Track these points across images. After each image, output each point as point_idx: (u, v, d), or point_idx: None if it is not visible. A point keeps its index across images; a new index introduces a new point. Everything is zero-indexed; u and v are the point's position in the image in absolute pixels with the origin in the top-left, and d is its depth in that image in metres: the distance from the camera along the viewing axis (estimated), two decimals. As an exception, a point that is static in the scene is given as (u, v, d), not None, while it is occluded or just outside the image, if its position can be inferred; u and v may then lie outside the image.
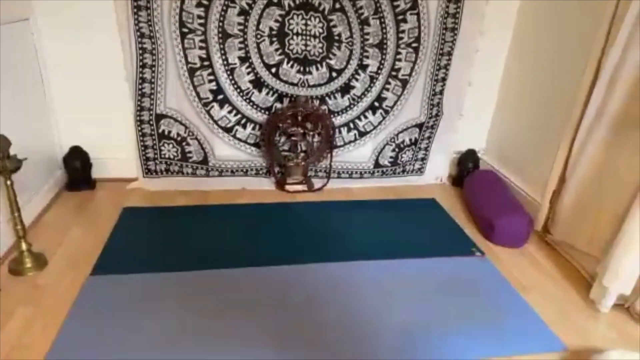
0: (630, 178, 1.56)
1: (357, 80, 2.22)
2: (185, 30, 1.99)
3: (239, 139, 2.25)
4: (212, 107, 2.16)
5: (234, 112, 2.19)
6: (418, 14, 2.12)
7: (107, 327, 1.38)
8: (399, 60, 2.20)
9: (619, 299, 1.59)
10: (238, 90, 2.15)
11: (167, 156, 2.24)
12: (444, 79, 2.30)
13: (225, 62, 2.08)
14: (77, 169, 2.17)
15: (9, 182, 1.53)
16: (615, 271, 1.51)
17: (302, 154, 2.32)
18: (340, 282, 1.66)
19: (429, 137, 2.45)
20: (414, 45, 2.18)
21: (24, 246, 1.62)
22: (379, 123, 2.34)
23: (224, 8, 1.98)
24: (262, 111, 2.22)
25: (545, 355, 1.40)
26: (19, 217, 1.59)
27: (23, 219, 1.61)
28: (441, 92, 2.33)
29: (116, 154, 2.26)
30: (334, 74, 2.19)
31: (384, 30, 2.13)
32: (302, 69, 2.16)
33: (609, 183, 1.67)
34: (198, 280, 1.62)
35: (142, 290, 1.55)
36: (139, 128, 2.17)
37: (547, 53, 2.09)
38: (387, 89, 2.26)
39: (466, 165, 2.49)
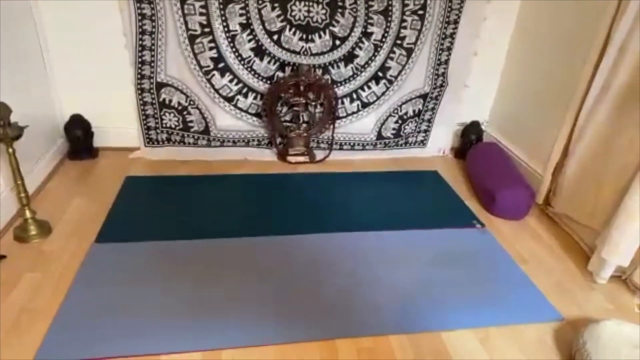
0: (632, 152, 1.55)
1: (360, 48, 2.17)
2: (184, -5, 1.94)
3: (240, 109, 2.23)
4: (213, 75, 2.12)
5: (235, 81, 2.16)
6: (425, -20, 2.05)
7: (112, 294, 1.41)
8: (404, 28, 2.15)
9: (616, 271, 1.61)
10: (239, 58, 2.11)
11: (168, 125, 2.23)
12: (449, 49, 2.25)
13: (226, 29, 2.03)
14: (79, 137, 2.17)
15: (10, 150, 1.52)
16: (615, 243, 1.52)
17: (304, 125, 2.30)
18: (341, 252, 1.68)
19: (432, 108, 2.42)
20: (420, 12, 2.12)
21: (28, 214, 1.64)
22: (383, 93, 2.30)
23: (225, -28, 1.92)
24: (264, 80, 2.18)
25: (541, 324, 1.43)
26: (22, 185, 1.60)
27: (26, 187, 1.62)
28: (446, 62, 2.29)
29: (117, 123, 2.24)
30: (337, 42, 2.15)
31: (389, -3, 2.07)
32: (304, 36, 2.11)
33: (611, 157, 1.66)
34: (200, 249, 1.64)
35: (145, 258, 1.57)
36: (140, 97, 2.15)
37: (555, 24, 2.03)
38: (392, 58, 2.22)
39: (469, 138, 2.47)
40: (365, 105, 2.32)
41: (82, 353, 1.21)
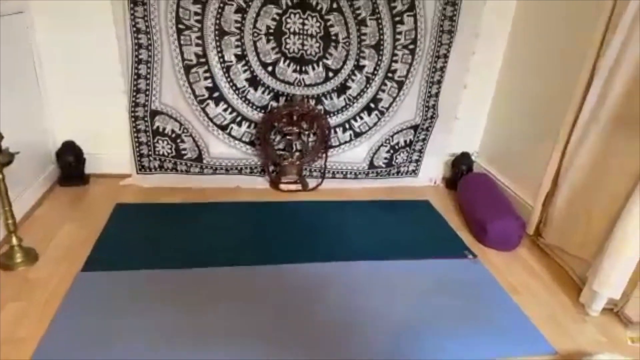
0: (621, 182, 1.57)
1: (353, 80, 2.22)
2: (181, 26, 1.98)
3: (234, 137, 2.25)
4: (208, 104, 2.15)
5: (230, 110, 2.18)
6: (415, 16, 2.12)
7: (97, 324, 1.37)
8: (395, 61, 2.20)
9: (608, 303, 1.61)
10: (234, 88, 2.14)
11: (161, 153, 2.23)
12: (439, 82, 2.31)
13: (221, 60, 2.07)
14: (70, 163, 2.16)
15: (0, 176, 1.51)
16: (605, 275, 1.53)
17: (297, 154, 2.32)
18: (333, 282, 1.66)
19: (423, 139, 2.45)
20: (411, 47, 2.19)
21: (14, 241, 1.61)
22: (375, 124, 2.34)
23: (221, 5, 1.98)
24: (258, 110, 2.21)
25: (534, 358, 1.41)
26: (9, 212, 1.58)
27: (14, 214, 1.60)
28: (437, 95, 2.34)
29: (110, 150, 2.24)
30: (331, 74, 2.20)
31: (381, 32, 2.13)
32: (298, 68, 2.15)
33: (601, 187, 1.67)
34: (190, 278, 1.61)
35: (133, 287, 1.54)
36: (134, 124, 2.16)
37: (543, 56, 2.10)
38: (383, 90, 2.27)
39: (460, 168, 2.50)
40: (357, 135, 2.35)
41: (63, 387, 1.17)
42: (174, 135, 2.20)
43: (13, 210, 1.59)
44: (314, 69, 2.17)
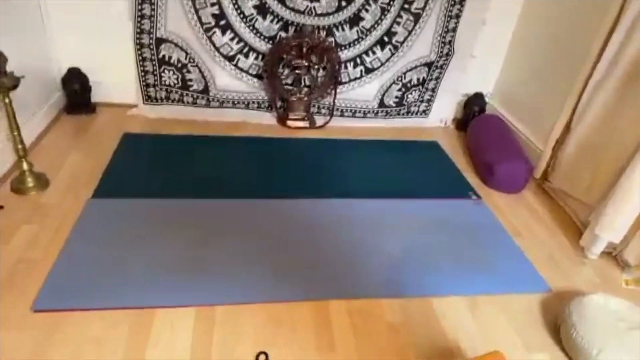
0: (633, 131, 1.54)
1: (367, 11, 2.11)
2: (186, -54, 1.86)
3: (241, 69, 2.19)
4: (214, 33, 2.07)
5: (237, 39, 2.11)
6: (437, -59, 1.97)
7: (109, 247, 1.42)
8: (413, -9, 2.08)
9: (607, 247, 1.63)
10: (241, 15, 2.05)
11: (167, 83, 2.19)
12: (458, 16, 2.19)
13: (228, -15, 1.97)
14: (76, 91, 2.13)
15: (7, 100, 1.50)
16: (609, 220, 1.54)
17: (306, 89, 2.26)
18: (337, 218, 1.69)
19: (437, 78, 2.37)
20: (430, -24, 2.05)
21: (25, 166, 1.63)
22: (387, 60, 2.26)
23: None
24: (266, 40, 2.13)
25: (530, 295, 1.46)
26: (18, 136, 1.58)
27: (23, 139, 1.60)
28: (454, 30, 2.23)
29: (116, 79, 2.20)
30: (343, 3, 2.08)
31: (400, -42, 1.99)
32: (309, -4, 2.04)
33: (612, 135, 1.65)
34: (196, 208, 1.65)
35: (142, 214, 1.58)
36: (139, 52, 2.10)
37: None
38: (398, 23, 2.16)
39: (472, 109, 2.44)
40: (368, 71, 2.28)
41: (78, 303, 1.23)
42: (180, 65, 2.14)
43: (22, 135, 1.60)
44: (326, -3, 2.05)
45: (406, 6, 2.12)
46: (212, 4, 2.00)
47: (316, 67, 2.20)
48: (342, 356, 1.19)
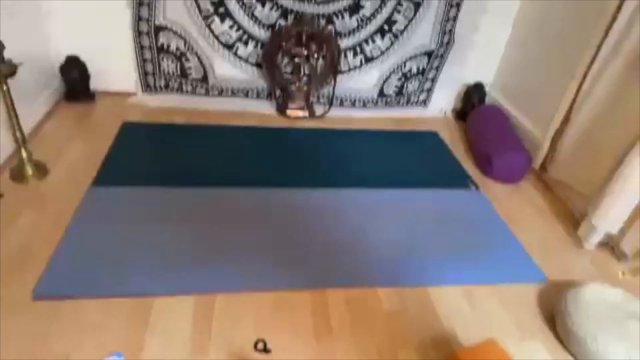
0: (633, 122, 1.54)
1: (367, -1, 2.09)
2: None
3: (240, 57, 2.18)
4: (213, 20, 2.05)
5: (236, 27, 2.09)
6: None
7: (108, 235, 1.43)
8: (414, -20, 2.06)
9: (604, 238, 1.64)
10: (240, 3, 2.03)
11: (166, 71, 2.18)
12: (458, 4, 2.17)
13: (227, -28, 1.95)
14: (75, 79, 2.12)
15: (4, 87, 1.50)
16: (605, 210, 1.54)
17: (305, 78, 2.25)
18: (335, 207, 1.69)
19: (437, 67, 2.36)
20: (431, -37, 2.03)
21: (24, 154, 1.63)
22: (387, 48, 2.24)
23: None
24: (265, 28, 2.11)
25: (526, 285, 1.47)
26: (17, 124, 1.58)
27: (22, 128, 1.60)
28: (454, 19, 2.21)
29: (115, 67, 2.19)
30: (343, -8, 2.06)
31: (400, -55, 1.97)
32: (309, -17, 2.02)
33: (612, 126, 1.65)
34: (195, 197, 1.65)
35: (142, 202, 1.59)
36: (138, 40, 2.08)
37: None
38: (399, 11, 2.14)
39: (472, 99, 2.43)
40: (368, 60, 2.26)
41: (78, 290, 1.24)
42: (178, 53, 2.13)
43: (21, 123, 1.59)
44: (326, -15, 2.03)
45: (407, -6, 2.10)
46: (211, -9, 1.98)
47: (316, 55, 2.19)
48: (339, 343, 1.21)
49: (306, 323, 1.25)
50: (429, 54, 2.29)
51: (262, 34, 2.12)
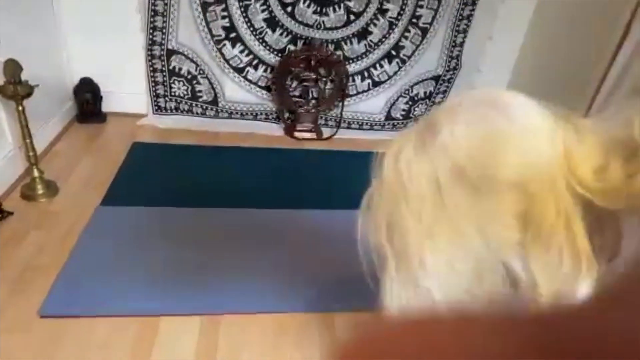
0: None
1: (375, 25, 2.14)
2: (199, -40, 1.91)
3: (250, 81, 2.22)
4: (224, 45, 2.10)
5: (246, 52, 2.14)
6: (445, -43, 2.00)
7: (116, 255, 1.43)
8: (421, 7, 2.11)
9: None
10: (251, 28, 2.08)
11: (177, 94, 2.22)
12: (465, 30, 2.21)
13: (239, -2, 2.01)
14: (88, 101, 2.17)
15: (20, 108, 1.53)
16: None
17: (313, 101, 2.29)
18: (342, 229, 1.66)
19: (444, 91, 2.39)
20: (438, -9, 2.08)
21: (35, 172, 1.65)
22: (395, 73, 2.28)
23: (241, -62, 1.89)
24: (275, 53, 2.16)
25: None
26: (30, 144, 1.61)
27: (35, 147, 1.63)
28: (461, 45, 2.25)
29: (127, 89, 2.24)
30: (352, 17, 2.11)
31: (408, -27, 2.02)
32: (318, 9, 2.07)
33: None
34: (204, 217, 1.65)
35: (150, 222, 1.59)
36: (150, 63, 2.13)
37: (574, 13, 1.98)
38: (406, 37, 2.18)
39: (479, 123, 2.44)
40: (376, 84, 2.30)
41: (83, 311, 1.23)
42: (189, 76, 2.18)
43: (34, 143, 1.62)
44: (335, 10, 2.09)
45: (414, 21, 2.14)
46: (223, 17, 2.04)
47: (324, 79, 2.23)
48: (347, 368, 1.18)
49: (313, 347, 1.23)
50: (436, 79, 2.32)
51: (272, 58, 2.17)
